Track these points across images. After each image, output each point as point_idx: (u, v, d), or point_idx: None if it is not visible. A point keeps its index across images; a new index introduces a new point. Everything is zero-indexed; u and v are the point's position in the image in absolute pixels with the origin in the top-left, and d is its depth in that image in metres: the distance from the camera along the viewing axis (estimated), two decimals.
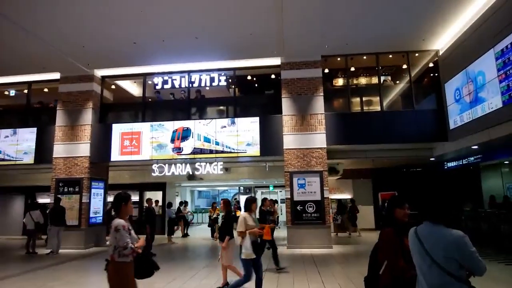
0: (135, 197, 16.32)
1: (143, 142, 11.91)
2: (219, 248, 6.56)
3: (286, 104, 11.46)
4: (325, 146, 11.06)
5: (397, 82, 12.69)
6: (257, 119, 11.57)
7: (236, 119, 11.70)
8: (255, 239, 5.31)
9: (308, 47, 10.94)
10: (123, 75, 13.10)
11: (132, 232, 3.57)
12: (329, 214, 11.55)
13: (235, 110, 12.36)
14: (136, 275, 3.54)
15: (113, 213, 3.62)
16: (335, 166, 13.26)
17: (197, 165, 11.87)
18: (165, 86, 12.53)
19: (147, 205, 11.17)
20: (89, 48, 10.73)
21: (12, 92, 14.07)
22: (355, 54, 11.72)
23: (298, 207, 10.81)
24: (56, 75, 12.67)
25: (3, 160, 12.58)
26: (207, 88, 12.61)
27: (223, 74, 12.28)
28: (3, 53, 10.95)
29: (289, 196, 10.93)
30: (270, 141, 11.44)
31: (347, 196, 15.92)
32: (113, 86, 13.73)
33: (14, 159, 12.52)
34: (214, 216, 13.87)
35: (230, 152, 11.51)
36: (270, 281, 6.79)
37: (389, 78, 12.74)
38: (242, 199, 18.34)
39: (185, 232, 15.33)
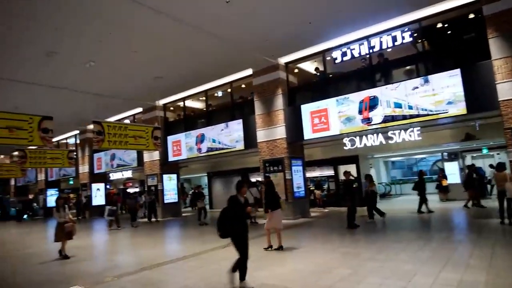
0: (330, 172, 17.05)
1: (331, 117, 12.20)
2: None
3: (496, 46, 9.23)
4: None
5: None
6: (457, 71, 9.85)
7: (429, 76, 10.32)
8: None
9: None
10: (303, 57, 13.67)
11: None
12: None
13: (427, 67, 10.93)
14: None
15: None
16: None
17: (389, 133, 11.25)
18: (345, 58, 12.27)
19: (344, 177, 11.38)
20: (271, 40, 11.67)
21: (220, 93, 17.14)
22: None
23: None
24: (249, 71, 14.53)
25: (222, 149, 15.53)
26: (389, 50, 11.64)
27: (406, 29, 11.01)
28: (207, 63, 13.28)
29: None
30: (478, 94, 9.55)
31: None
32: (295, 70, 14.60)
33: (230, 147, 15.24)
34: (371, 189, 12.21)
35: (427, 115, 10.29)
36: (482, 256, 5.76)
37: None
38: (447, 166, 16.17)
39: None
